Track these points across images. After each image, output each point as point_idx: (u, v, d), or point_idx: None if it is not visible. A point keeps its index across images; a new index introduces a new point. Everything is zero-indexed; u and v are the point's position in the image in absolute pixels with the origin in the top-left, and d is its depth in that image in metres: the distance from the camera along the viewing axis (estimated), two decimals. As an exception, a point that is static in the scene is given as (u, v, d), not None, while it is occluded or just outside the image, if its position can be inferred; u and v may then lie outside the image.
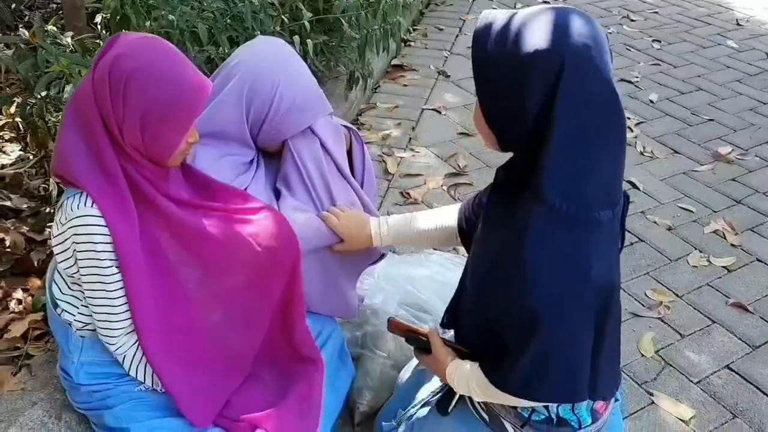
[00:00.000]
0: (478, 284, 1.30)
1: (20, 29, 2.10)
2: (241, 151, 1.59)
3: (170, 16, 2.19)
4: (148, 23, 2.23)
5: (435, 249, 2.24)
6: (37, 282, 1.99)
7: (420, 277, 2.01)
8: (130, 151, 1.29)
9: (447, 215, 1.61)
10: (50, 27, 2.16)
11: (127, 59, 1.24)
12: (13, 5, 3.19)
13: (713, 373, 2.13)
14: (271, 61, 1.57)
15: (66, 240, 1.31)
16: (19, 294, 1.96)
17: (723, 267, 2.60)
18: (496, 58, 1.09)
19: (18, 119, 2.54)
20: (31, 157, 2.53)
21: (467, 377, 1.32)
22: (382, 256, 1.81)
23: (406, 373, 1.75)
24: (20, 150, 2.60)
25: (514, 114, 1.10)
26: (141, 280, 1.33)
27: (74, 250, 1.31)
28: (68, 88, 1.92)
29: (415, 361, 1.75)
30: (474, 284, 1.32)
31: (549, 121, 1.06)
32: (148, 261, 1.34)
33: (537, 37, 1.06)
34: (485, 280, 1.25)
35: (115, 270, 1.32)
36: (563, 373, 1.18)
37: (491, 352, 1.26)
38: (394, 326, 1.46)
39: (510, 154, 1.22)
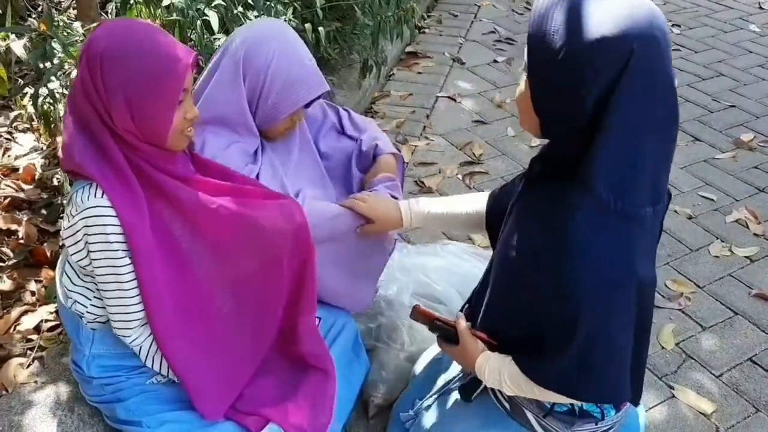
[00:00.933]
0: (509, 276, 1.26)
1: (31, 19, 2.08)
2: (245, 139, 1.57)
3: (180, 4, 2.16)
4: (158, 11, 2.20)
5: (450, 240, 2.21)
6: (50, 273, 1.98)
7: (435, 268, 1.98)
8: (126, 137, 1.26)
9: (477, 200, 1.57)
10: (60, 17, 2.14)
11: (99, 40, 1.23)
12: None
13: (735, 366, 2.08)
14: (264, 36, 1.56)
15: (77, 232, 1.29)
16: (32, 286, 1.95)
17: (746, 257, 2.54)
18: (557, 43, 1.03)
19: (31, 109, 2.53)
20: (44, 147, 2.53)
21: (499, 370, 1.28)
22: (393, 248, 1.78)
23: (420, 365, 1.73)
24: (34, 141, 2.60)
25: (569, 102, 1.05)
26: (152, 268, 1.32)
27: (86, 242, 1.29)
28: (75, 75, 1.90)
29: (429, 353, 1.72)
30: (504, 276, 1.27)
31: (605, 111, 1.02)
32: (160, 248, 1.33)
33: (606, 22, 1.01)
34: (519, 272, 1.21)
35: (128, 260, 1.30)
36: (608, 371, 1.15)
37: (525, 345, 1.22)
38: (418, 314, 1.40)
39: (539, 145, 1.19)
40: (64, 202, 2.12)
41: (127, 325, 1.36)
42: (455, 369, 1.54)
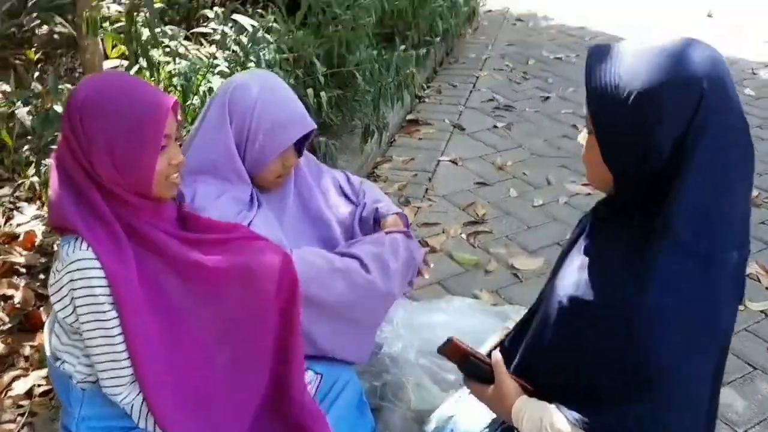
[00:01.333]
0: (565, 322, 1.16)
1: (35, 83, 2.12)
2: (237, 186, 1.56)
3: (183, 69, 2.21)
4: (162, 75, 2.24)
5: (454, 296, 2.16)
6: (44, 341, 1.94)
7: (440, 324, 1.92)
8: (112, 188, 1.25)
9: None
10: (63, 85, 2.18)
11: (77, 94, 1.24)
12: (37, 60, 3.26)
13: (760, 422, 1.98)
14: (249, 80, 1.58)
15: (63, 287, 1.26)
16: (26, 350, 1.91)
17: (760, 311, 2.47)
18: (624, 90, 1.01)
19: (35, 179, 2.55)
20: (45, 215, 2.53)
21: (540, 417, 1.17)
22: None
23: (430, 425, 1.64)
24: (37, 209, 2.60)
25: (643, 149, 1.02)
26: (139, 323, 1.27)
27: (72, 297, 1.25)
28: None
29: (441, 412, 1.64)
30: (559, 321, 1.17)
31: (682, 152, 1.00)
32: (148, 303, 1.29)
33: (672, 63, 1.00)
34: (581, 318, 1.12)
35: (116, 314, 1.26)
36: (681, 424, 1.06)
37: (574, 393, 1.13)
38: (452, 348, 1.27)
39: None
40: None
41: (117, 382, 1.30)
42: (475, 425, 1.45)
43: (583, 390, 1.11)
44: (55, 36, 3.89)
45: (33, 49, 3.38)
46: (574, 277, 1.16)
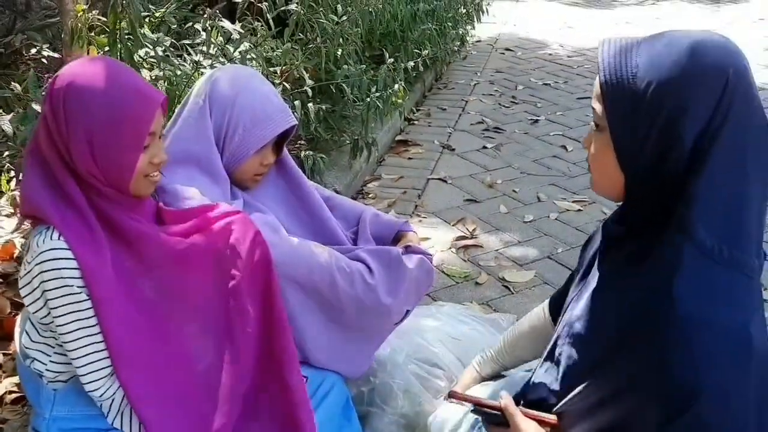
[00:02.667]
0: (585, 352, 1.08)
1: (13, 84, 2.09)
2: (216, 181, 1.50)
3: (168, 73, 2.18)
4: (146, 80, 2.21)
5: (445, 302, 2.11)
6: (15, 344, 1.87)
7: (431, 329, 1.87)
8: (89, 180, 1.20)
9: (536, 312, 1.43)
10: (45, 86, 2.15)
11: (61, 80, 1.19)
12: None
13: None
14: (230, 74, 1.55)
15: (33, 279, 1.21)
16: (0, 358, 1.84)
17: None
18: (641, 83, 0.95)
19: (16, 193, 2.50)
20: (26, 227, 2.47)
21: None
22: (407, 313, 1.67)
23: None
24: (16, 224, 2.54)
25: (664, 145, 0.95)
26: (114, 312, 1.22)
27: (43, 289, 1.20)
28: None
29: (439, 422, 1.55)
30: (580, 354, 1.09)
31: (705, 149, 0.92)
32: (122, 292, 1.24)
33: (695, 55, 0.94)
34: (602, 347, 1.03)
35: (91, 302, 1.21)
36: None
37: (598, 421, 1.03)
38: (457, 399, 1.24)
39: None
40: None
41: (96, 375, 1.24)
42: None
43: (614, 425, 1.00)
44: (43, 60, 3.89)
45: (21, 72, 3.36)
46: (587, 306, 1.09)
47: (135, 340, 1.25)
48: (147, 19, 2.46)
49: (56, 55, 3.68)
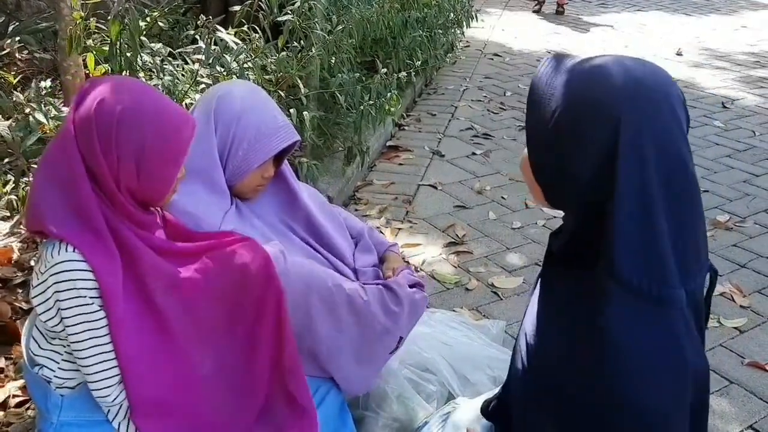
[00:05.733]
0: (539, 380, 1.09)
1: (15, 93, 2.12)
2: (218, 195, 1.56)
3: (167, 83, 2.22)
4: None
5: (436, 309, 2.17)
6: (21, 350, 1.90)
7: (423, 335, 1.93)
8: (122, 195, 1.25)
9: None
10: (46, 97, 2.18)
11: (110, 102, 1.22)
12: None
13: (737, 434, 2.01)
14: (236, 90, 1.60)
15: (47, 290, 1.25)
16: (1, 362, 1.86)
17: (734, 328, 2.51)
18: (551, 108, 0.96)
19: (13, 197, 2.52)
20: (22, 232, 2.50)
21: None
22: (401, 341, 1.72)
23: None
24: (11, 227, 2.56)
25: (566, 171, 0.96)
26: (126, 326, 1.26)
27: (56, 299, 1.24)
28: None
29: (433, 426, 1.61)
30: (530, 363, 1.11)
31: (609, 186, 0.92)
32: (134, 304, 1.28)
33: (595, 85, 0.94)
34: (542, 372, 1.06)
35: (104, 314, 1.25)
36: None
37: None
38: None
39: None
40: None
41: (106, 383, 1.29)
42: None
43: None
44: (35, 61, 3.90)
45: (13, 74, 3.38)
46: (537, 327, 1.10)
47: (143, 348, 1.29)
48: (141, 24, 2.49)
49: (48, 56, 3.70)
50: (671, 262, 0.94)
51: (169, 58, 2.34)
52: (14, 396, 1.73)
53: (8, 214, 2.65)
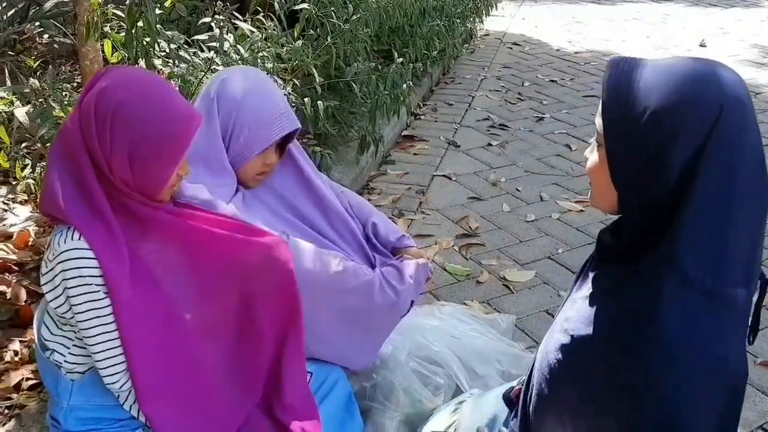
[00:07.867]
0: (564, 363, 1.10)
1: (32, 80, 2.14)
2: (224, 180, 1.56)
3: (180, 71, 2.23)
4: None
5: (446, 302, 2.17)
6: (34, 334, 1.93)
7: (432, 328, 1.93)
8: (119, 184, 1.25)
9: None
10: (62, 85, 2.20)
11: (112, 91, 1.23)
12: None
13: (747, 434, 1.99)
14: (238, 76, 1.60)
15: (55, 277, 1.26)
16: (16, 345, 1.90)
17: (749, 327, 2.48)
18: (640, 105, 0.98)
19: (30, 181, 2.55)
20: (39, 215, 2.53)
21: None
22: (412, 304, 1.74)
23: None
24: (30, 212, 2.60)
25: (653, 171, 0.98)
26: (131, 312, 1.28)
27: (64, 287, 1.26)
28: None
29: (437, 423, 1.62)
30: (555, 363, 1.11)
31: (692, 180, 0.95)
32: (141, 291, 1.29)
33: (693, 82, 0.97)
34: (578, 360, 1.06)
35: (110, 301, 1.27)
36: None
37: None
38: None
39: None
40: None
41: (114, 369, 1.31)
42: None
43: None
44: (55, 45, 3.93)
45: (33, 58, 3.41)
46: (576, 312, 1.11)
47: (148, 333, 1.31)
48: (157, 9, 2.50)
49: (68, 41, 3.73)
50: (736, 262, 0.97)
51: (185, 46, 2.35)
52: (27, 379, 1.76)
53: (26, 198, 2.68)
